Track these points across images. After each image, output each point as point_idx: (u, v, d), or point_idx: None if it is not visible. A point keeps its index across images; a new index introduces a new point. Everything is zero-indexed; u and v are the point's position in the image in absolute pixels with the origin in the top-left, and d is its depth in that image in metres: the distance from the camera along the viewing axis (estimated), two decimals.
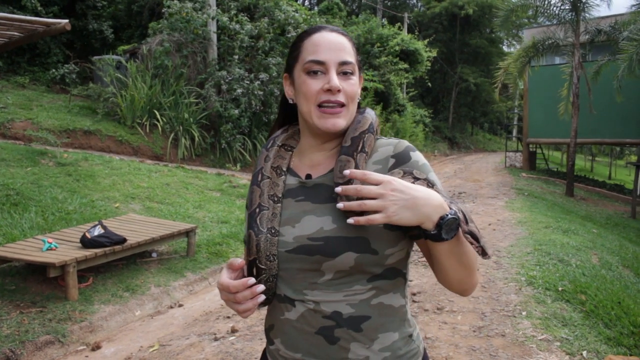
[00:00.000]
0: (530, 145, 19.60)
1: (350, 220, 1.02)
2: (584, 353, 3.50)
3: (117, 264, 5.31)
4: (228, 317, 4.38)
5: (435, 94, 33.78)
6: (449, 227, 1.00)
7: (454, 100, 33.37)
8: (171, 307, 4.93)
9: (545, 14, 14.56)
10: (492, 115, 40.33)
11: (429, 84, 25.14)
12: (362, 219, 1.00)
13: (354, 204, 1.01)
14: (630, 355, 3.75)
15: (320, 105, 1.16)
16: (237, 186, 9.42)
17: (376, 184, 1.00)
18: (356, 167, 1.14)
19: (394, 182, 1.00)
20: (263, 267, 1.16)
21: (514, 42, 36.44)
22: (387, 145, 1.20)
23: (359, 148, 1.16)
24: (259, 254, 1.16)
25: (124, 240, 4.89)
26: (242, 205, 8.09)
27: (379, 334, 1.15)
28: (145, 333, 4.29)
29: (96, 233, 4.77)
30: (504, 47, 37.84)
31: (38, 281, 4.65)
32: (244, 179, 10.31)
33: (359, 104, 1.25)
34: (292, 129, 1.32)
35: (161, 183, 8.46)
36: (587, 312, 4.25)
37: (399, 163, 1.16)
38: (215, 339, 3.92)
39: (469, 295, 1.19)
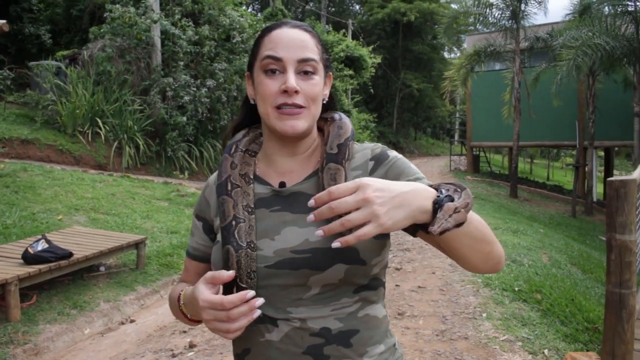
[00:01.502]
0: (474, 149, 20.13)
1: (337, 244, 0.84)
2: (546, 351, 3.55)
3: (62, 279, 5.02)
4: (184, 332, 4.20)
5: (379, 99, 34.29)
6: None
7: (397, 105, 33.97)
8: (122, 323, 4.70)
9: (485, 22, 15.00)
10: (435, 120, 41.35)
11: (372, 90, 25.47)
12: (350, 238, 0.83)
13: (335, 225, 0.84)
14: (587, 350, 3.84)
15: (278, 107, 1.06)
16: (186, 195, 9.17)
17: (349, 194, 0.84)
18: (346, 176, 1.07)
19: (371, 181, 0.85)
20: (244, 285, 1.05)
21: (455, 49, 37.52)
22: (363, 149, 1.15)
23: (347, 156, 1.09)
24: (239, 272, 1.05)
25: (70, 254, 4.62)
26: (191, 215, 7.86)
27: (368, 347, 1.08)
28: (96, 352, 4.06)
29: (40, 248, 4.49)
30: (445, 53, 38.91)
31: None
32: (192, 187, 10.05)
33: (330, 105, 1.18)
34: (252, 133, 1.21)
35: (106, 193, 8.12)
36: (544, 310, 4.33)
37: (379, 163, 1.11)
38: (173, 356, 3.75)
39: (502, 268, 1.08)
